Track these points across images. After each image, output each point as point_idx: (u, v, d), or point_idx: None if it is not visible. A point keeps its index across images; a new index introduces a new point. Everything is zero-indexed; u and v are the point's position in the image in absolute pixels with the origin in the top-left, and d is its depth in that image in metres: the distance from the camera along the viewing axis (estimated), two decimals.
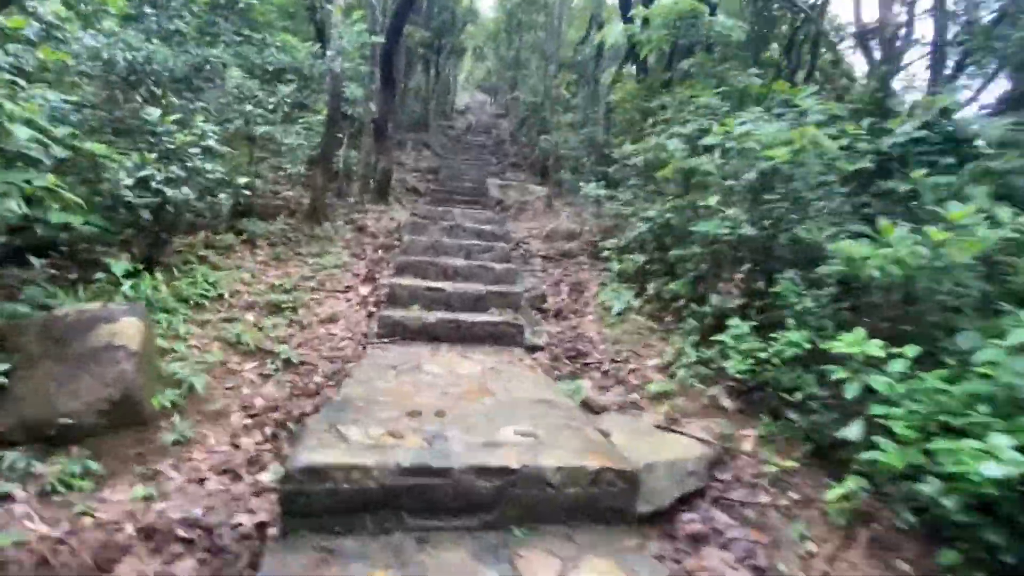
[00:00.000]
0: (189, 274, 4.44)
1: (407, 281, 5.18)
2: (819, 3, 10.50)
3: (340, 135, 8.49)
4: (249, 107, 5.04)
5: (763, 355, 3.54)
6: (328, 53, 6.19)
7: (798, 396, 3.44)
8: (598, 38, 5.97)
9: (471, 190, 11.13)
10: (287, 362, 3.81)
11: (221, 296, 4.43)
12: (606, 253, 6.86)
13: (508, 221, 10.14)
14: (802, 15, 10.65)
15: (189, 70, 4.93)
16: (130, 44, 4.55)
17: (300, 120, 7.34)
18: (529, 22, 15.27)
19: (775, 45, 12.49)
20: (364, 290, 5.55)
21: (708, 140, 4.10)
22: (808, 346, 3.35)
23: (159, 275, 4.15)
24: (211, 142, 4.43)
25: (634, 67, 9.68)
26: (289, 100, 5.83)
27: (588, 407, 3.70)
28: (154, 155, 4.15)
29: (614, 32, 5.74)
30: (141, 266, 4.08)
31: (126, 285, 3.77)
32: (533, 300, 6.03)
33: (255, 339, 3.96)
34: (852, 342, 2.98)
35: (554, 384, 3.86)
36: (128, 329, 2.81)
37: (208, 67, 4.90)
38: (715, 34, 5.46)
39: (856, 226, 3.63)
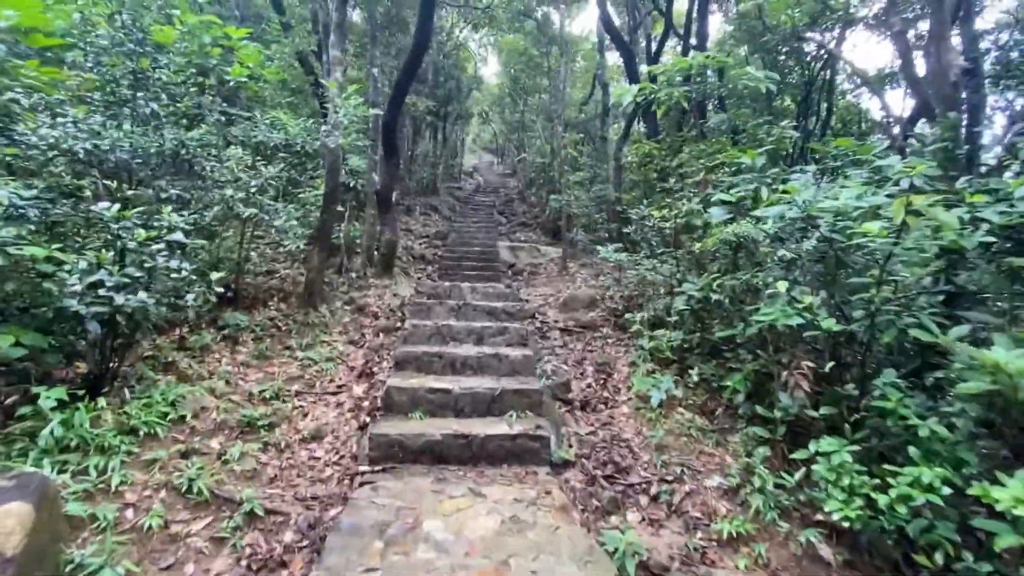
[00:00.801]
0: (147, 392, 3.66)
1: (408, 381, 4.35)
2: (828, 50, 10.09)
3: (341, 209, 7.96)
4: (230, 191, 4.44)
5: (877, 496, 2.59)
6: (323, 128, 5.68)
7: (937, 559, 2.45)
8: (613, 98, 5.35)
9: (481, 255, 10.49)
10: (250, 515, 2.92)
11: (183, 418, 3.62)
12: (634, 327, 6.00)
13: (521, 287, 9.42)
14: (814, 63, 10.23)
15: (164, 155, 4.38)
16: (95, 131, 4.01)
17: (298, 196, 6.82)
18: (533, 85, 15.22)
19: (783, 95, 12.09)
20: (359, 389, 4.72)
21: (765, 211, 3.32)
22: (947, 492, 2.41)
23: (106, 400, 3.37)
24: (179, 235, 3.77)
25: (642, 125, 9.21)
26: (277, 179, 5.26)
27: (646, 570, 2.73)
28: (111, 254, 3.50)
29: (628, 91, 5.14)
30: (84, 390, 3.33)
31: (55, 421, 2.99)
32: (556, 389, 5.13)
33: (214, 481, 3.10)
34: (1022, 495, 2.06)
35: (594, 538, 2.90)
36: (6, 521, 1.98)
37: (185, 151, 4.35)
38: (742, 87, 4.84)
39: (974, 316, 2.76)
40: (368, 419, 4.14)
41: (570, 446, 4.11)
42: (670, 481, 3.68)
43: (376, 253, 8.14)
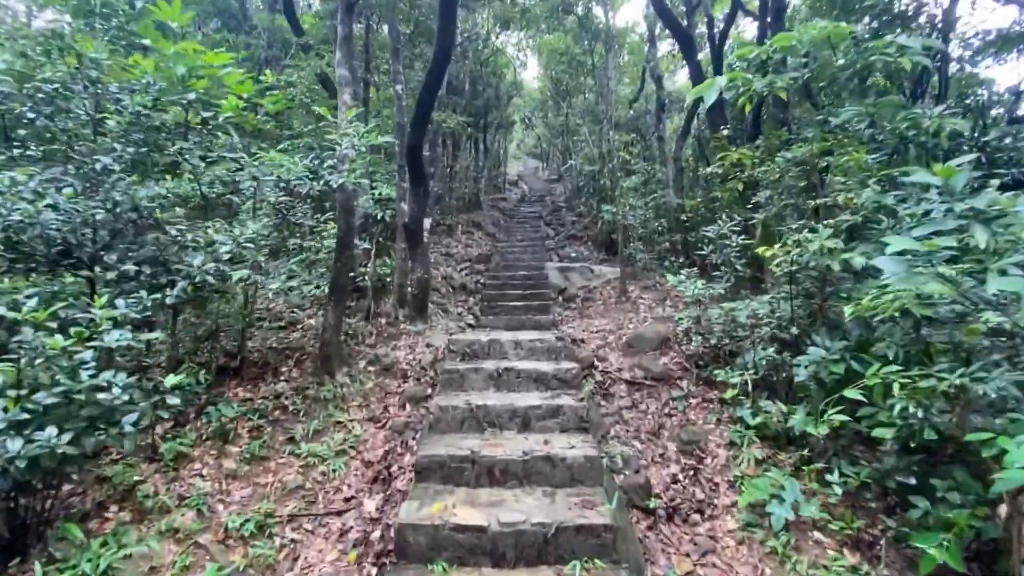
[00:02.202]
0: (75, 560, 2.63)
1: (427, 510, 3.09)
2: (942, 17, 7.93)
3: (367, 246, 6.91)
4: (200, 259, 3.38)
5: None
6: (328, 163, 4.57)
7: None
8: (691, 96, 3.84)
9: (527, 281, 9.17)
10: None
11: None
12: (730, 392, 4.46)
13: (574, 319, 8.02)
14: (921, 30, 8.10)
15: (120, 219, 3.39)
16: (30, 199, 3.06)
17: (303, 246, 5.77)
18: (576, 86, 13.71)
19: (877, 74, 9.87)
20: (371, 505, 3.53)
21: (999, 283, 1.79)
22: None
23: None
24: (115, 335, 2.72)
25: (722, 129, 7.49)
26: (267, 234, 4.18)
27: None
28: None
29: (711, 85, 3.65)
30: None
31: None
32: (632, 491, 3.73)
33: None
34: None
35: None
36: None
37: (138, 213, 3.35)
38: (884, 64, 3.23)
39: None
40: (375, 570, 2.93)
41: None
42: None
43: (409, 293, 7.02)
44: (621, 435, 4.65)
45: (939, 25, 8.02)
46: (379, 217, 7.26)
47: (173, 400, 2.90)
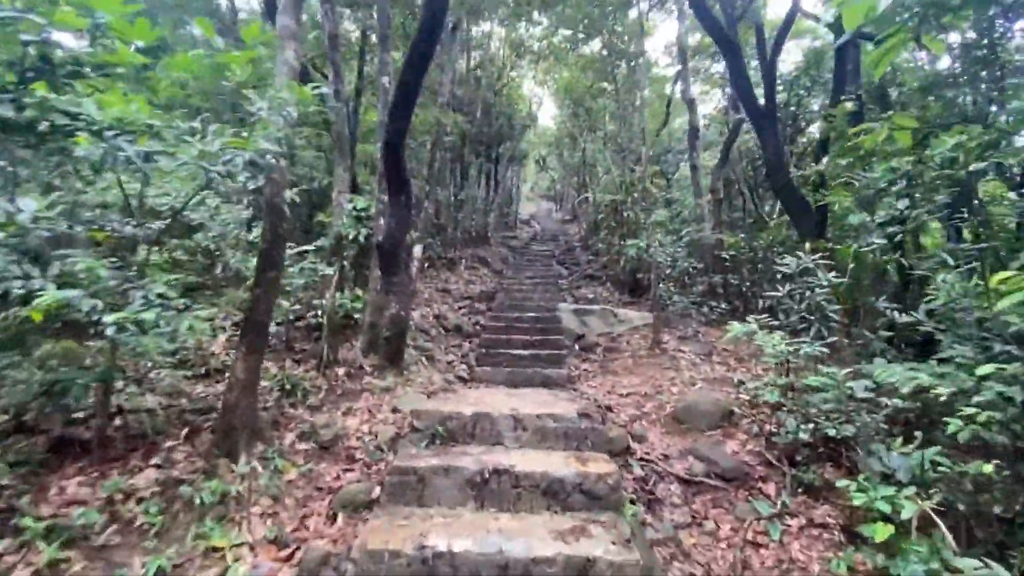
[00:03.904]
0: None
1: None
2: None
3: (327, 271, 5.25)
4: None
5: None
6: (228, 151, 2.92)
7: None
8: (848, 25, 2.03)
9: (536, 324, 7.39)
10: None
11: None
12: (879, 530, 2.55)
13: (596, 374, 6.16)
14: None
15: None
16: None
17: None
18: (598, 112, 12.40)
19: None
20: None
21: None
22: None
23: None
24: None
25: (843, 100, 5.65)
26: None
27: None
28: None
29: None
30: None
31: None
32: None
33: None
34: None
35: None
36: None
37: None
38: None
39: None
40: None
41: None
42: None
43: (382, 336, 5.27)
44: None
45: None
46: (351, 237, 5.62)
47: None
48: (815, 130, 9.27)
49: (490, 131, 12.92)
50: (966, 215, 3.88)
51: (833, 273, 4.35)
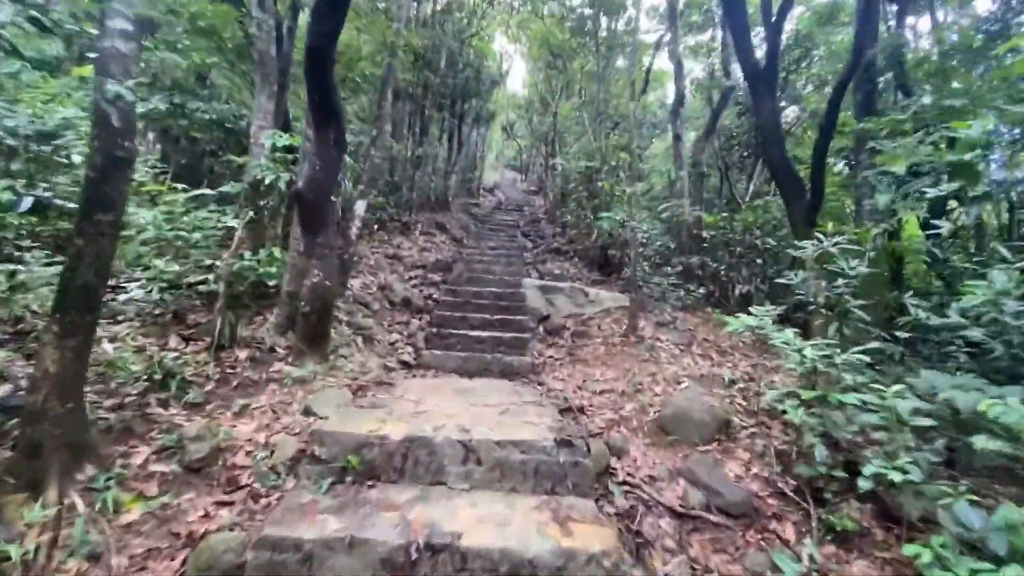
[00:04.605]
0: None
1: None
2: None
3: (234, 221, 4.02)
4: None
5: None
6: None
7: None
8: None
9: (498, 301, 6.41)
10: None
11: None
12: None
13: (564, 363, 5.31)
14: None
15: None
16: None
17: None
18: (576, 66, 11.21)
19: None
20: None
21: None
22: None
23: None
24: None
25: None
26: None
27: None
28: None
29: None
30: None
31: None
32: None
33: None
34: None
35: None
36: None
37: None
38: None
39: None
40: None
41: None
42: None
43: (306, 311, 4.10)
44: None
45: None
46: (270, 183, 4.34)
47: None
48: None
49: (455, 83, 11.51)
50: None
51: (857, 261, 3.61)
